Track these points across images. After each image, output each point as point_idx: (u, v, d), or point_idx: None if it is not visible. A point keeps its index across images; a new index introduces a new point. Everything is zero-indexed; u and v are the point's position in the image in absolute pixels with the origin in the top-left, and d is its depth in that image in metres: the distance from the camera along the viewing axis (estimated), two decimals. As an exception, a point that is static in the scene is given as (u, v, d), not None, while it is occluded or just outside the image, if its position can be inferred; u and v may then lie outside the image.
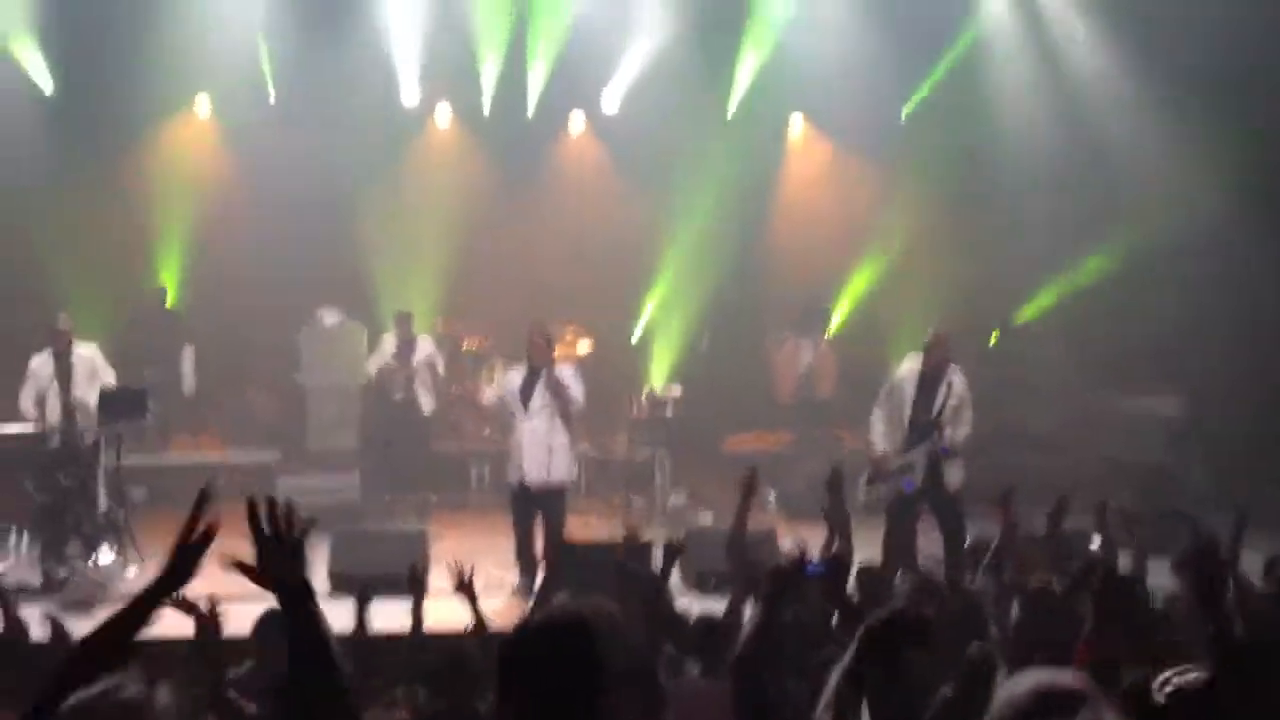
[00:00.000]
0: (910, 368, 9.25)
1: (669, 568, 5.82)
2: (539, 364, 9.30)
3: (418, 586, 5.58)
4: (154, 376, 12.62)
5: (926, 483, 8.97)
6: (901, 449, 9.10)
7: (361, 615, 5.24)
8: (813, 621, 5.32)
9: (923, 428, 9.04)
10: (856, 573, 6.04)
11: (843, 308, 14.92)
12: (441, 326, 13.67)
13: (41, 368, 10.31)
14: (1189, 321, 12.93)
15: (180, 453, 13.34)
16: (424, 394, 12.65)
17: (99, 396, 10.18)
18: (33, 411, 10.10)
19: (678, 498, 12.44)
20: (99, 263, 13.27)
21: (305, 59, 13.77)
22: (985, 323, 13.81)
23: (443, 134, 15.03)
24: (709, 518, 11.75)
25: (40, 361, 10.34)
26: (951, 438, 8.97)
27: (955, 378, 9.11)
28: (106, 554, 9.72)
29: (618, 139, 14.97)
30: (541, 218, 14.64)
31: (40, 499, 9.54)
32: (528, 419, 9.27)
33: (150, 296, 13.79)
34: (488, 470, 12.50)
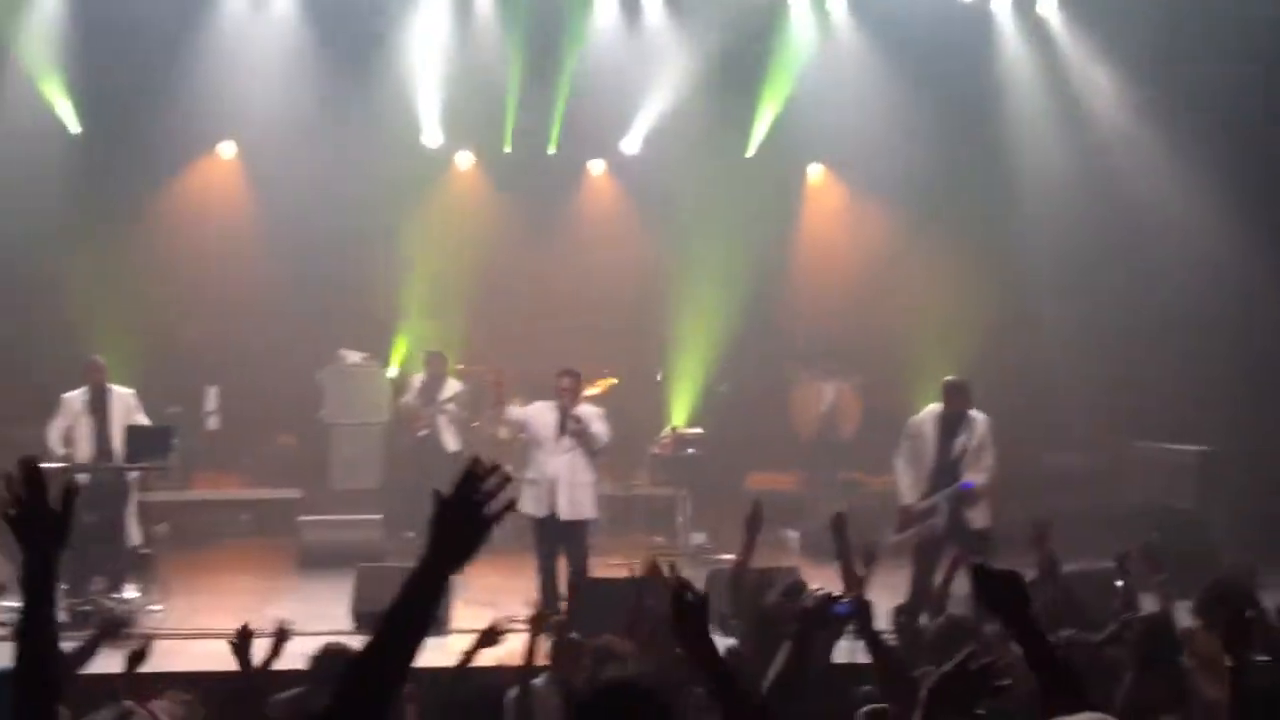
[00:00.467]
0: (930, 413, 9.30)
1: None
2: (566, 404, 9.37)
3: (438, 626, 5.61)
4: (177, 415, 12.73)
5: (951, 524, 8.97)
6: (925, 493, 9.11)
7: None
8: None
9: (945, 471, 9.06)
10: (894, 611, 6.04)
11: (864, 348, 14.92)
12: (463, 366, 13.76)
13: (73, 404, 10.39)
14: (1213, 364, 12.89)
15: (203, 490, 13.43)
16: (448, 432, 12.72)
17: (125, 434, 10.27)
18: (59, 448, 10.17)
19: (699, 537, 12.44)
20: (124, 301, 13.40)
21: (329, 101, 13.95)
22: (1005, 364, 13.79)
23: (464, 175, 15.17)
24: (730, 557, 11.72)
25: (73, 398, 10.43)
26: (974, 478, 8.98)
27: (977, 419, 9.14)
28: (131, 590, 9.78)
29: (638, 180, 15.08)
30: (562, 258, 14.72)
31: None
32: (555, 455, 9.33)
33: (178, 334, 13.92)
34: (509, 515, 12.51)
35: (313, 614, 8.95)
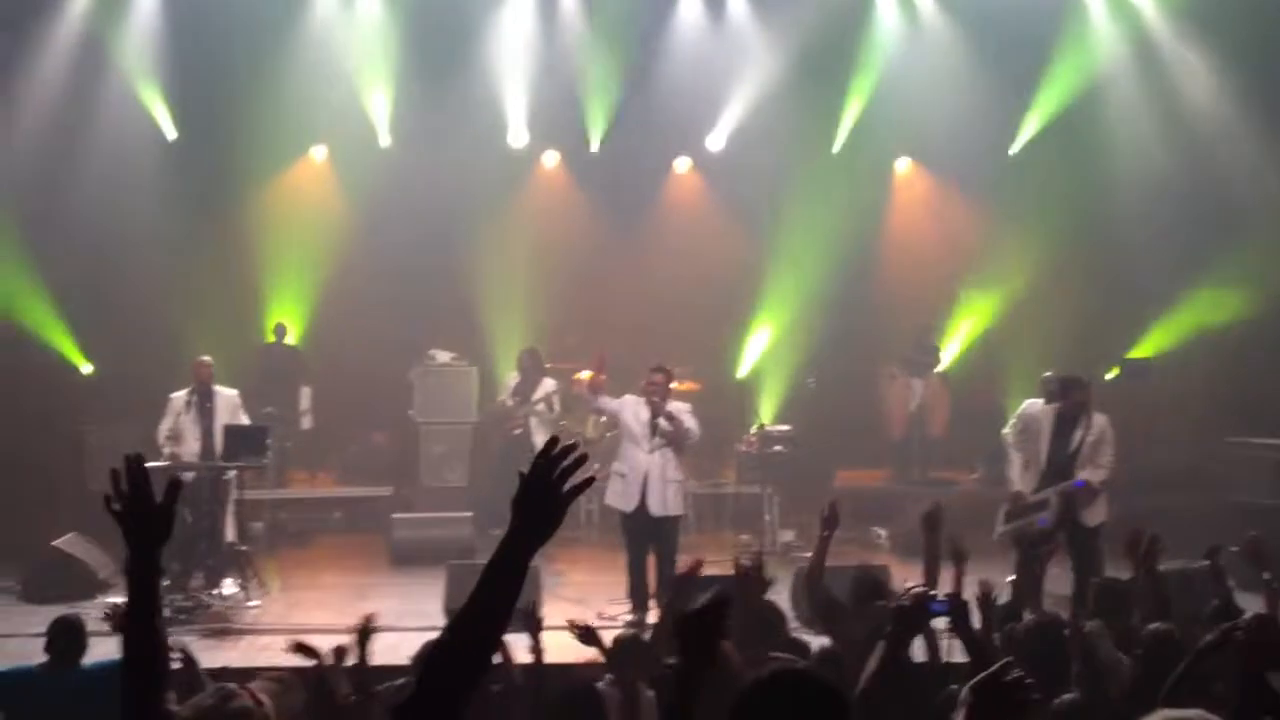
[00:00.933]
0: (1046, 406, 9.18)
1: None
2: (658, 400, 9.41)
3: (532, 623, 5.64)
4: (273, 414, 12.98)
5: (1061, 520, 8.84)
6: (1037, 486, 9.00)
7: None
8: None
9: (1060, 465, 8.94)
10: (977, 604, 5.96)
11: (954, 344, 14.76)
12: (550, 365, 13.84)
13: (178, 403, 10.62)
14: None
15: (297, 488, 13.69)
16: (539, 430, 12.82)
17: (223, 434, 10.48)
18: (165, 446, 10.40)
19: (787, 535, 12.38)
20: (220, 303, 13.70)
21: (417, 104, 14.13)
22: (1100, 359, 13.55)
23: (550, 174, 15.26)
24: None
25: (179, 397, 10.66)
26: (1090, 476, 8.86)
27: (1096, 416, 9.01)
28: (230, 586, 9.99)
29: (723, 177, 15.05)
30: (647, 255, 14.74)
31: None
32: (646, 451, 9.37)
33: (271, 336, 14.19)
34: (597, 506, 12.59)
35: (405, 610, 9.08)
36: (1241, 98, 13.33)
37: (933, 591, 4.50)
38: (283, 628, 8.91)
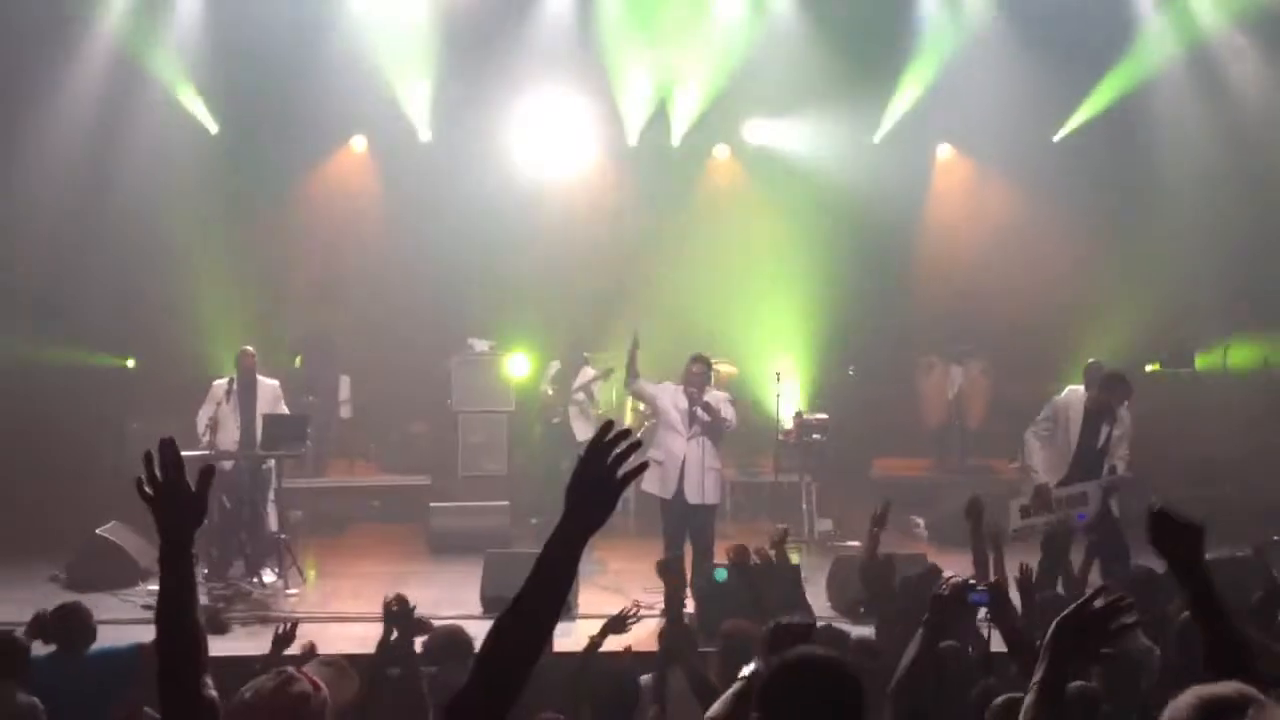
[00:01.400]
0: (1075, 395, 9.04)
1: None
2: (696, 390, 9.40)
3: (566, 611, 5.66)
4: (313, 404, 13.06)
5: (1101, 513, 8.74)
6: (1066, 479, 8.87)
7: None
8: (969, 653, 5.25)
9: (1091, 458, 8.81)
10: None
11: (994, 333, 14.61)
12: (588, 354, 13.85)
13: (220, 391, 10.69)
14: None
15: (336, 477, 13.77)
16: (579, 419, 12.84)
17: (262, 423, 10.55)
18: (205, 434, 10.48)
19: (824, 523, 12.34)
20: (261, 294, 13.79)
21: (454, 97, 14.14)
22: (1146, 352, 13.42)
23: (588, 166, 15.18)
24: (856, 544, 11.62)
25: (220, 385, 10.73)
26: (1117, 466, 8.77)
27: (1123, 410, 8.88)
28: (269, 574, 10.06)
29: (763, 166, 14.98)
30: (686, 244, 14.68)
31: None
32: (684, 438, 9.38)
33: (310, 328, 14.26)
34: (633, 494, 12.58)
35: (443, 599, 9.13)
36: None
37: (972, 580, 4.47)
38: (321, 615, 8.98)
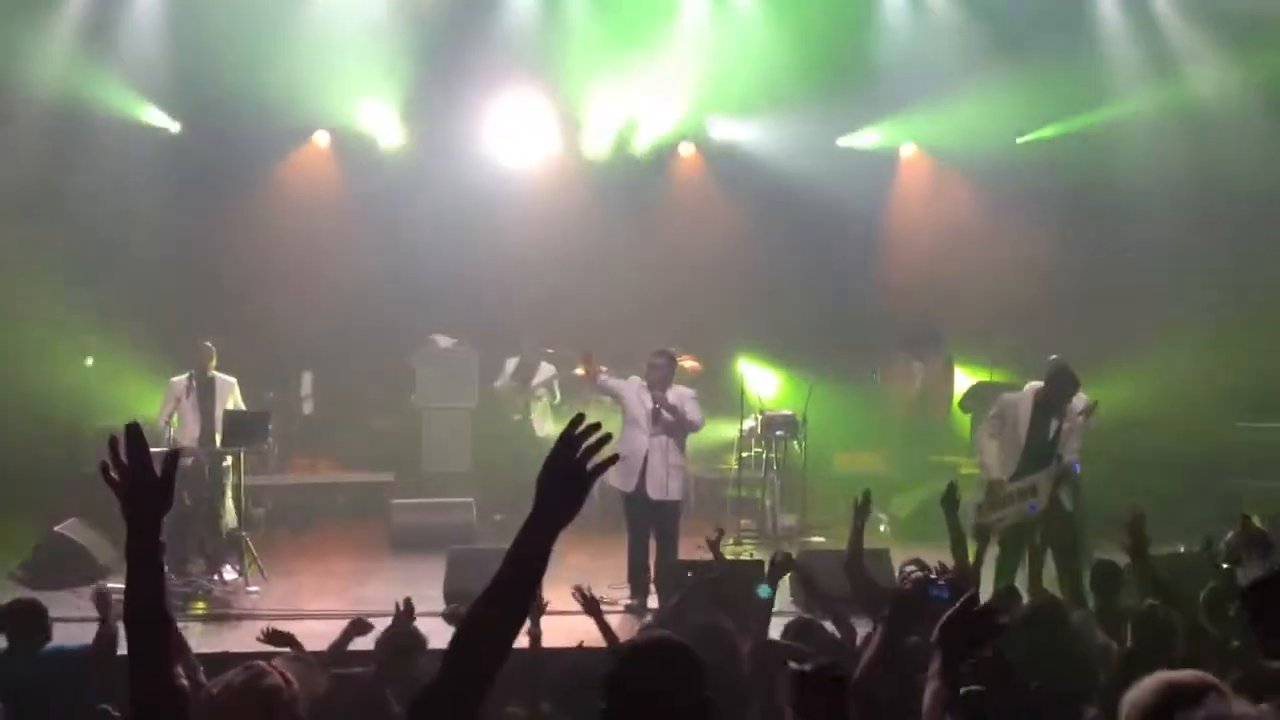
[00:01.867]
0: (1027, 391, 9.08)
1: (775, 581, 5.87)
2: (660, 386, 9.38)
3: (535, 606, 5.66)
4: (274, 400, 12.98)
5: (1050, 505, 8.80)
6: (1017, 472, 8.93)
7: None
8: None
9: (1040, 451, 8.87)
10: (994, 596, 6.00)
11: (956, 330, 14.69)
12: (553, 350, 13.83)
13: (179, 387, 10.60)
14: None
15: (299, 474, 13.68)
16: (540, 416, 12.82)
17: (223, 419, 10.48)
18: (166, 430, 10.40)
19: (788, 519, 12.38)
20: (223, 289, 13.67)
21: (418, 93, 14.07)
22: (1101, 345, 13.52)
23: (551, 162, 15.13)
24: (820, 539, 11.69)
25: (179, 381, 10.65)
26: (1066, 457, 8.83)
27: (1075, 402, 8.93)
28: (229, 572, 9.99)
29: (727, 164, 15.00)
30: (651, 242, 14.68)
31: (166, 518, 9.81)
32: (647, 434, 9.35)
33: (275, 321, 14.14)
34: (598, 489, 12.58)
35: (406, 595, 9.07)
36: (1245, 79, 13.19)
37: (933, 575, 4.49)
38: (282, 613, 8.92)
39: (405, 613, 5.78)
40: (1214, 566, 6.17)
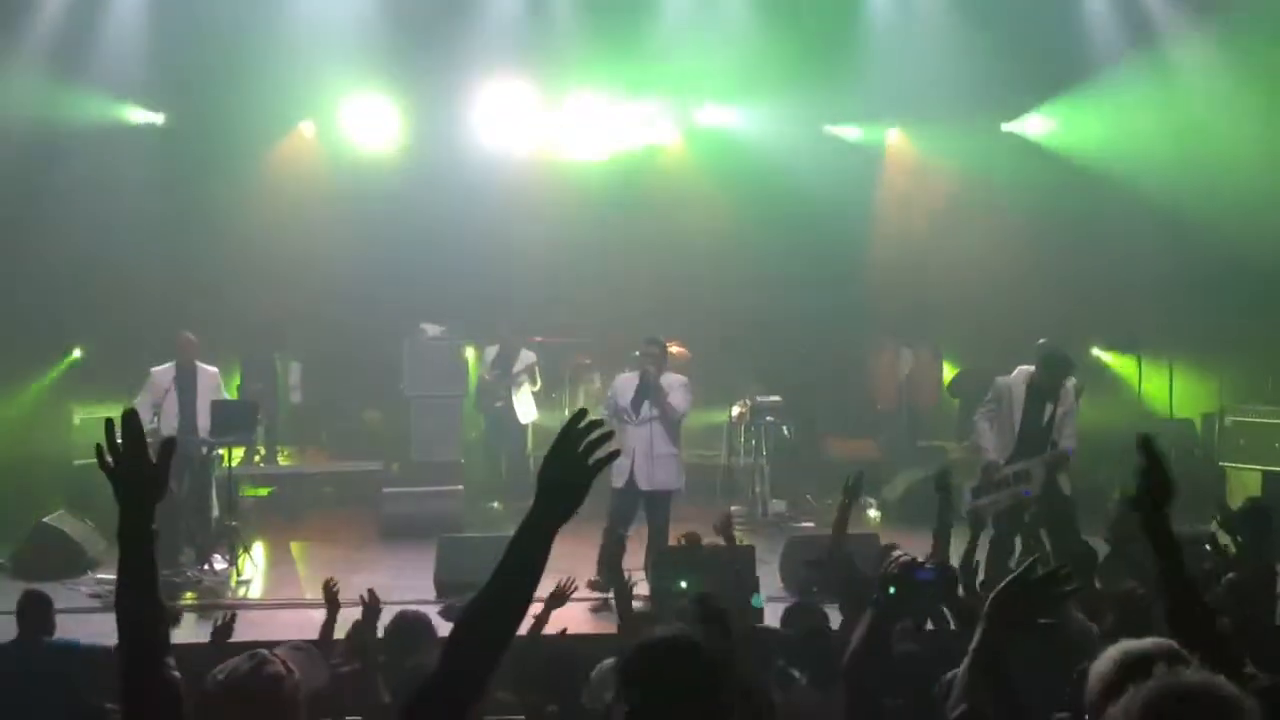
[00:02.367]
0: (1020, 375, 9.10)
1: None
2: (650, 376, 9.32)
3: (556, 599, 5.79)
4: (262, 390, 12.93)
5: (1046, 489, 8.83)
6: (1012, 457, 8.95)
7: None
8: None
9: (1036, 435, 8.90)
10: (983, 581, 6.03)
11: (945, 315, 14.70)
12: (541, 338, 13.84)
13: (161, 378, 10.55)
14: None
15: (287, 464, 13.65)
16: (522, 402, 12.80)
17: (210, 410, 10.44)
18: (149, 421, 10.34)
19: (777, 505, 12.40)
20: (211, 280, 13.61)
21: (403, 82, 14.01)
22: (1088, 330, 13.57)
23: (538, 152, 15.03)
24: (809, 525, 11.71)
25: (161, 372, 10.60)
26: (1065, 444, 8.86)
27: (1069, 387, 8.96)
28: (219, 561, 9.98)
29: (713, 150, 14.97)
30: (637, 228, 14.63)
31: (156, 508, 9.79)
32: (637, 426, 9.28)
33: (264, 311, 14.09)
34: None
35: (396, 585, 9.08)
36: (1231, 67, 13.15)
37: (920, 559, 4.48)
38: (272, 603, 8.92)
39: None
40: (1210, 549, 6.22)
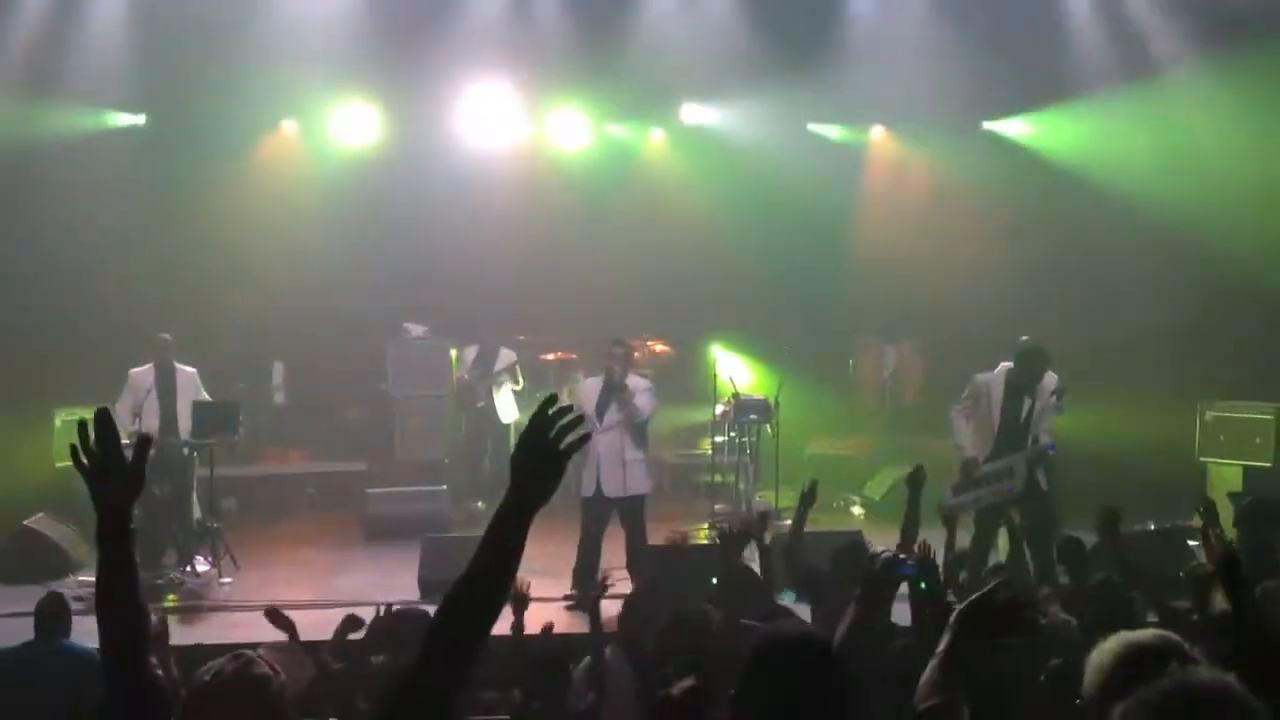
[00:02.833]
0: (999, 371, 9.12)
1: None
2: (615, 375, 9.11)
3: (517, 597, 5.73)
4: (244, 390, 12.89)
5: (1026, 486, 8.85)
6: (992, 454, 8.96)
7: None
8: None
9: (1014, 432, 8.92)
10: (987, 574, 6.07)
11: (928, 313, 14.73)
12: (524, 337, 13.82)
13: (141, 379, 10.53)
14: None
15: (270, 465, 13.61)
16: (503, 402, 12.78)
17: (192, 411, 10.40)
18: (130, 423, 10.30)
19: (761, 502, 12.41)
20: (193, 280, 13.55)
21: (385, 80, 13.96)
22: (1071, 326, 13.58)
23: (521, 151, 15.03)
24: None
25: (141, 373, 10.57)
26: (1041, 439, 8.88)
27: (1045, 383, 8.97)
28: (201, 563, 9.94)
29: (698, 149, 14.98)
30: (622, 228, 14.63)
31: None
32: (602, 432, 9.03)
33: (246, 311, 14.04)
34: (570, 479, 12.57)
35: (380, 584, 9.08)
36: (1215, 65, 13.17)
37: (902, 555, 4.52)
38: (255, 604, 8.88)
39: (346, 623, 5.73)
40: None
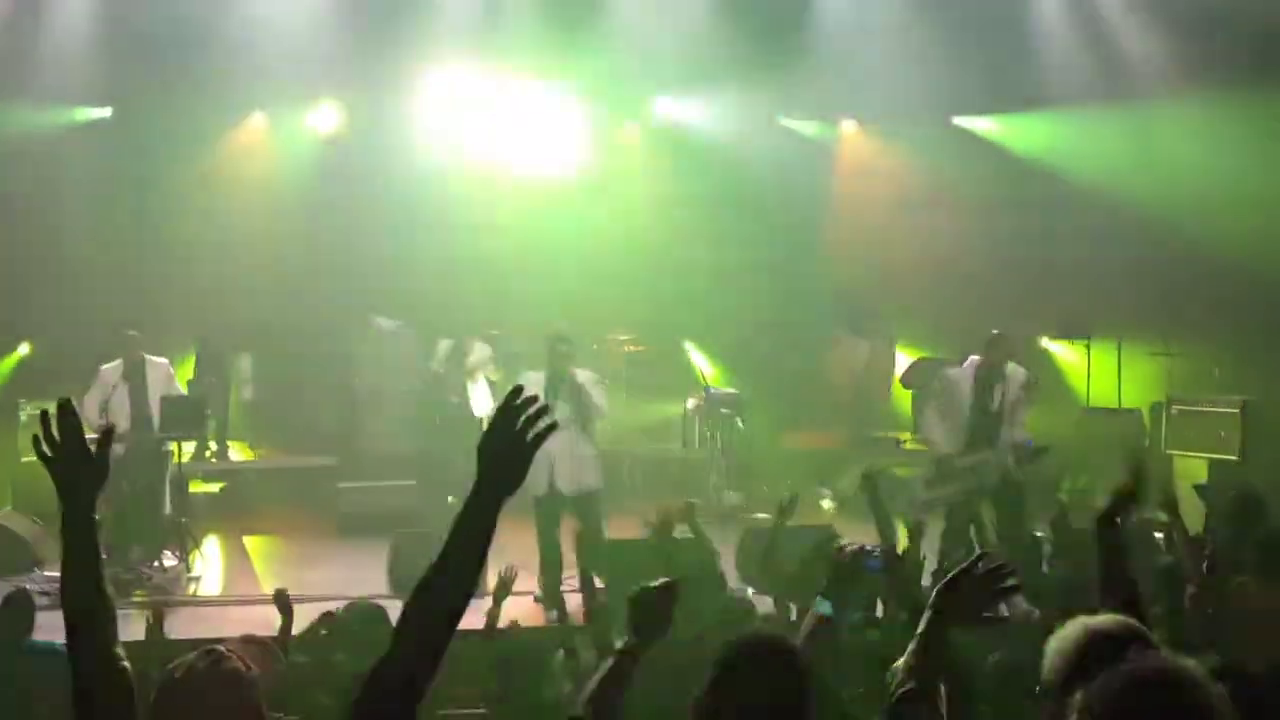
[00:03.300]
0: (967, 365, 9.16)
1: None
2: (560, 371, 8.93)
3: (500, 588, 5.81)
4: (213, 384, 12.80)
5: (1002, 479, 8.89)
6: (963, 448, 8.99)
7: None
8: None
9: (985, 425, 8.96)
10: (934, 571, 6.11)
11: (898, 307, 14.77)
12: (497, 331, 13.76)
13: (110, 375, 10.43)
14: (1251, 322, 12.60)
15: (239, 459, 13.51)
16: (477, 395, 12.74)
17: (161, 407, 10.32)
18: (97, 418, 10.19)
19: (733, 497, 12.42)
20: (160, 274, 13.45)
21: (355, 73, 13.88)
22: (1045, 317, 13.69)
23: (492, 143, 14.94)
24: (765, 515, 11.72)
25: (110, 369, 10.47)
26: (1019, 436, 8.92)
27: (1014, 375, 9.01)
28: (170, 558, 9.87)
29: (670, 142, 14.96)
30: (593, 221, 14.60)
31: (103, 504, 9.66)
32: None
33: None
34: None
35: (351, 579, 9.03)
36: (1185, 59, 13.22)
37: (868, 547, 4.54)
38: (224, 599, 8.84)
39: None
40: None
